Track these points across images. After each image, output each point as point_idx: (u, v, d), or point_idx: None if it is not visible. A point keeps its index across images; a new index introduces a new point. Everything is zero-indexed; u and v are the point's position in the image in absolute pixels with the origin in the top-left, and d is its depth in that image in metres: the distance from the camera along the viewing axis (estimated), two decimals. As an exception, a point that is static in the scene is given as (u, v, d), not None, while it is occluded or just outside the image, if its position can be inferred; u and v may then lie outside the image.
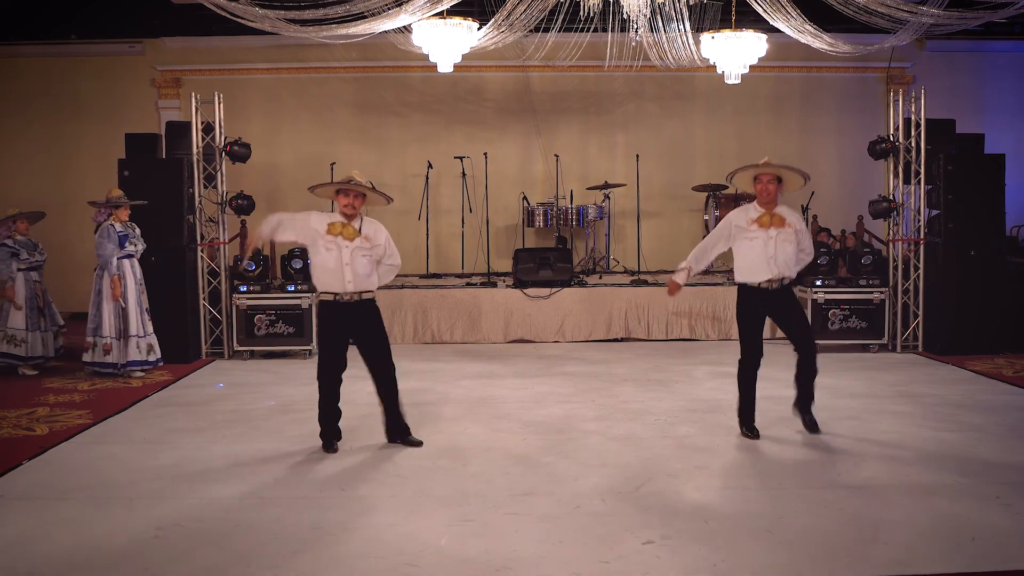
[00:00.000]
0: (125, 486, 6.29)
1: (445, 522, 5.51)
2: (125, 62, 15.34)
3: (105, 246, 10.00)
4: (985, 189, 11.35)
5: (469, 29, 10.93)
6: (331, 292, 7.00)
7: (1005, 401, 8.76)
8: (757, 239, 7.25)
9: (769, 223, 7.25)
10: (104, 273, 10.06)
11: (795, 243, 7.27)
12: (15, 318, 10.42)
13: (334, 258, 6.94)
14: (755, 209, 7.36)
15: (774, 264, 7.22)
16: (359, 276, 6.99)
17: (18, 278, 10.47)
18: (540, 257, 12.95)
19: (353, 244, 6.97)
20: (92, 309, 10.12)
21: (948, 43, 14.52)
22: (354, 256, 6.97)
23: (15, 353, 10.38)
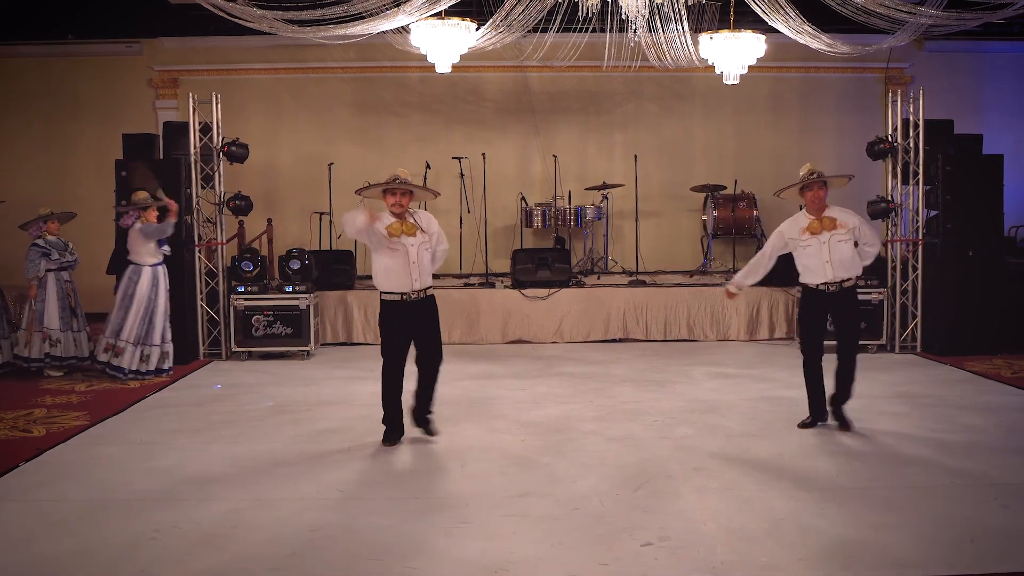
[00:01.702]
0: (122, 487, 6.29)
1: (443, 523, 5.50)
2: (122, 62, 15.30)
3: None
4: (983, 190, 11.34)
5: (467, 29, 10.90)
6: (397, 292, 7.10)
7: (1003, 402, 8.76)
8: (811, 246, 7.42)
9: (820, 228, 7.40)
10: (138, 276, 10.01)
11: (851, 242, 7.41)
12: (51, 319, 10.30)
13: (401, 258, 7.05)
14: (804, 217, 7.52)
15: (830, 267, 7.37)
16: (424, 272, 7.16)
17: (48, 278, 10.34)
18: (538, 257, 12.94)
19: (417, 241, 7.10)
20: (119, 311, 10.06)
21: (946, 44, 14.49)
22: (420, 253, 7.12)
23: (53, 354, 10.28)
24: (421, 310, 7.20)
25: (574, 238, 14.76)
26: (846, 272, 7.40)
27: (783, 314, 12.60)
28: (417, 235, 7.14)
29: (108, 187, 11.45)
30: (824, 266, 7.37)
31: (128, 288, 9.96)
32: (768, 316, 12.64)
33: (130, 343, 9.91)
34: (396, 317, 7.15)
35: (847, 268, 7.40)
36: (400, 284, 7.09)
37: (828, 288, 7.40)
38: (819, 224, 7.40)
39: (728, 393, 9.23)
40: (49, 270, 10.37)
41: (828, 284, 7.39)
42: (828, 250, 7.35)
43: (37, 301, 10.29)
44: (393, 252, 7.04)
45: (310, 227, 13.91)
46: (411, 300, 7.11)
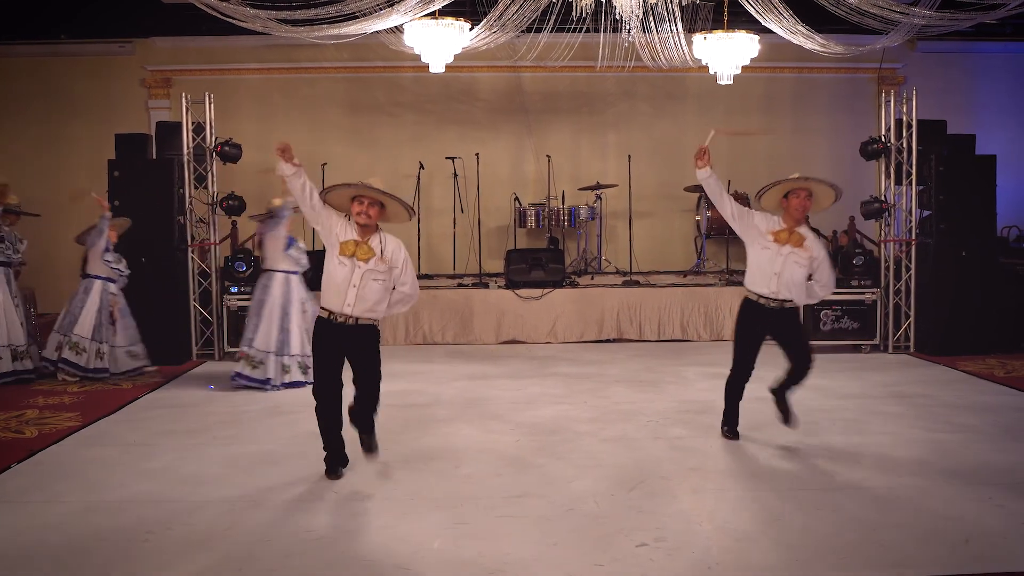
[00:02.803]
0: (115, 489, 6.26)
1: (438, 524, 5.49)
2: (115, 62, 15.27)
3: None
4: (976, 190, 11.37)
5: (461, 29, 10.90)
6: (327, 308, 6.29)
7: (997, 401, 8.77)
8: (768, 250, 6.98)
9: (786, 239, 6.94)
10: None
11: (806, 269, 6.96)
12: (83, 326, 10.03)
13: (343, 274, 6.20)
14: (778, 222, 7.07)
15: (776, 281, 6.94)
16: (364, 301, 6.24)
17: (95, 286, 10.11)
18: (532, 258, 12.93)
19: (367, 265, 6.22)
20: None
21: (939, 44, 14.52)
22: (365, 279, 6.22)
23: (69, 359, 9.98)
24: (354, 339, 6.32)
25: (568, 238, 14.78)
26: (790, 294, 6.97)
27: (777, 314, 12.59)
28: (370, 262, 6.24)
29: (101, 187, 11.39)
30: (771, 277, 6.94)
31: (262, 295, 9.61)
32: (762, 316, 12.62)
33: (271, 353, 9.57)
34: (323, 334, 6.34)
35: (792, 290, 6.96)
36: (332, 300, 6.26)
37: (767, 303, 6.98)
38: (787, 235, 6.95)
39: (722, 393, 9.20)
40: (99, 278, 10.15)
41: (767, 299, 6.97)
42: (781, 263, 6.91)
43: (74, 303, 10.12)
44: (340, 264, 6.22)
45: (303, 227, 13.87)
46: (338, 323, 6.26)
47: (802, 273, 6.95)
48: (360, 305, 6.23)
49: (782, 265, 6.91)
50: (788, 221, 7.01)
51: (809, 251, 6.94)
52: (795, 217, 6.98)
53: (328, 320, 6.29)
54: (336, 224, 6.28)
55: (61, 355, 9.98)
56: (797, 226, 6.99)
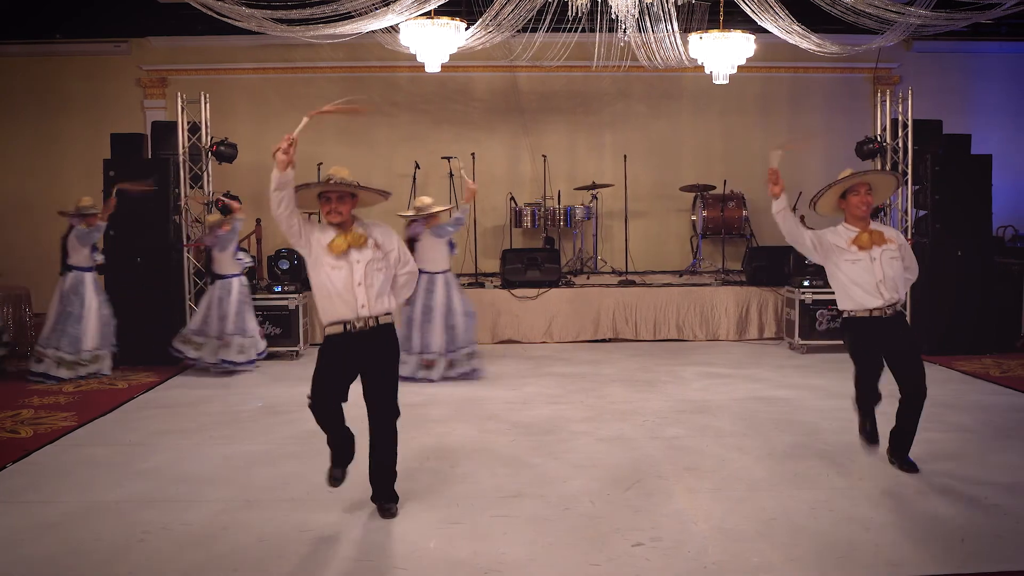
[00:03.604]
0: (111, 488, 6.25)
1: (433, 524, 5.49)
2: (111, 62, 15.25)
3: None
4: (972, 189, 11.38)
5: (456, 29, 10.90)
6: (340, 320, 5.56)
7: (993, 401, 8.77)
8: (860, 261, 6.24)
9: (870, 242, 6.25)
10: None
11: (900, 260, 6.32)
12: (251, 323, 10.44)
13: (342, 278, 5.53)
14: (846, 228, 6.37)
15: (883, 288, 6.20)
16: (375, 295, 5.59)
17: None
18: (528, 257, 12.94)
19: (365, 257, 5.58)
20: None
21: (935, 44, 14.54)
22: (369, 272, 5.57)
23: (233, 359, 10.31)
24: (370, 345, 5.60)
25: (563, 238, 14.78)
26: (898, 294, 6.26)
27: (772, 314, 12.63)
28: (366, 249, 5.61)
29: (97, 187, 11.38)
30: (877, 287, 6.18)
31: (426, 300, 9.73)
32: (757, 316, 12.66)
33: (441, 354, 9.72)
34: (340, 353, 5.59)
35: (899, 289, 6.27)
36: (341, 310, 5.55)
37: (883, 313, 6.20)
38: (868, 237, 6.24)
39: (718, 393, 9.24)
40: (234, 276, 10.42)
41: (882, 309, 6.20)
42: (880, 268, 6.19)
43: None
44: (334, 270, 5.54)
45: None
46: (358, 330, 5.54)
47: (898, 265, 6.30)
48: (374, 302, 5.58)
49: (882, 269, 6.22)
50: (855, 223, 6.34)
51: (895, 241, 6.35)
52: (859, 216, 6.31)
53: (344, 335, 5.55)
54: (313, 230, 5.64)
55: (225, 358, 10.31)
56: (867, 224, 6.34)
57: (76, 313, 10.08)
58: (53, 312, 10.12)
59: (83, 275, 10.17)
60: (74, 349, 10.04)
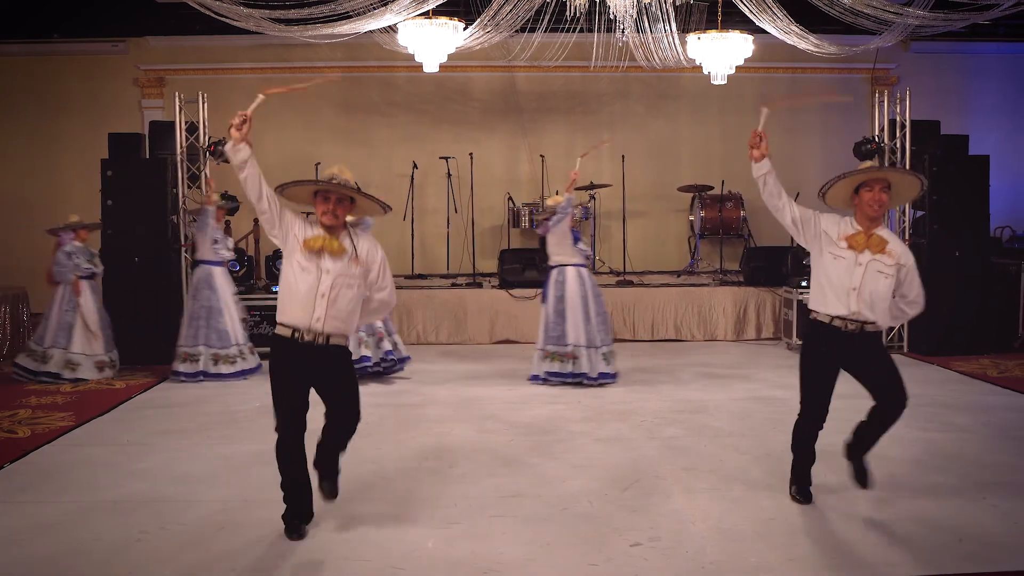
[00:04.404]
0: (108, 488, 6.24)
1: (431, 524, 5.48)
2: (108, 61, 15.25)
3: None
4: (969, 190, 11.39)
5: (455, 29, 10.91)
6: (290, 325, 5.21)
7: (991, 402, 8.78)
8: (842, 259, 5.56)
9: (864, 244, 5.53)
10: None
11: (892, 280, 5.52)
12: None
13: (307, 283, 5.14)
14: (851, 224, 5.65)
15: (854, 298, 5.49)
16: (336, 315, 5.19)
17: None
18: (526, 258, 12.94)
19: (338, 268, 5.18)
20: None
21: (932, 45, 14.55)
22: (336, 287, 5.16)
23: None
24: (324, 361, 5.27)
25: (561, 238, 14.75)
26: (872, 313, 5.50)
27: (770, 314, 12.63)
28: (344, 259, 5.20)
29: (94, 187, 11.38)
30: (848, 293, 5.49)
31: (557, 291, 9.58)
32: (755, 316, 12.67)
33: (581, 347, 9.53)
34: (287, 359, 5.27)
35: (874, 309, 5.51)
36: (296, 314, 5.18)
37: (844, 326, 5.51)
38: (864, 239, 5.54)
39: (716, 393, 9.24)
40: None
41: (845, 320, 5.50)
42: (861, 275, 5.48)
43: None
44: (302, 270, 5.16)
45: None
46: (305, 342, 5.18)
47: (887, 286, 5.52)
48: (332, 320, 5.17)
49: (861, 277, 5.50)
50: (863, 221, 5.61)
51: (895, 257, 5.53)
52: (870, 215, 5.57)
53: (291, 339, 5.21)
54: (295, 223, 5.29)
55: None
56: (875, 227, 5.60)
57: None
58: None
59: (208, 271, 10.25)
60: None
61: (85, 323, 10.04)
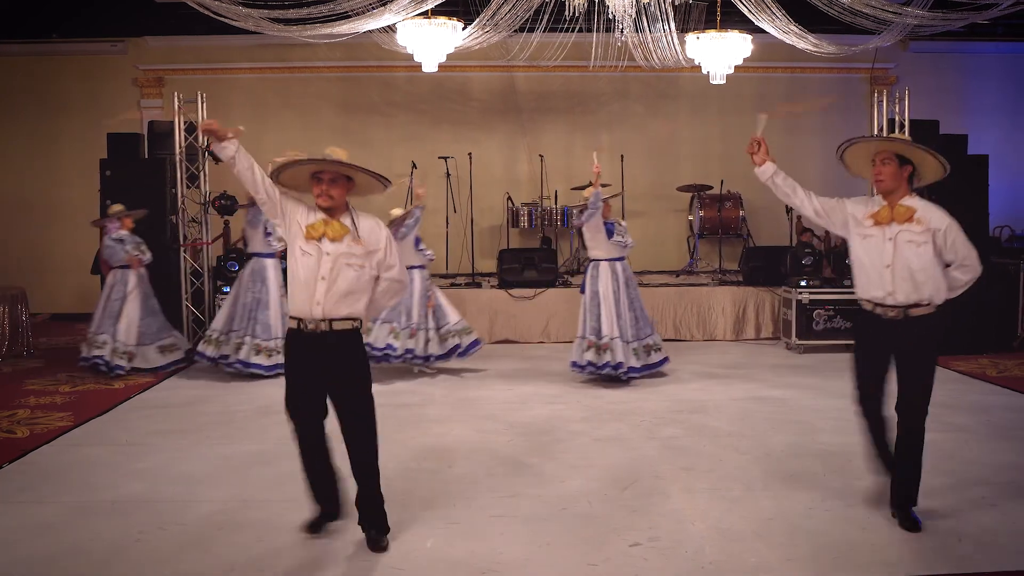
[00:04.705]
0: (107, 489, 6.24)
1: (430, 524, 5.48)
2: (107, 61, 15.25)
3: None
4: (968, 190, 11.34)
5: (454, 29, 10.90)
6: (296, 315, 5.06)
7: (990, 401, 8.78)
8: (871, 238, 5.30)
9: (889, 216, 5.23)
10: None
11: (928, 247, 5.19)
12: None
13: (309, 266, 5.00)
14: (878, 202, 5.38)
15: (889, 276, 5.21)
16: (337, 296, 4.99)
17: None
18: (525, 257, 12.93)
19: (339, 249, 5.00)
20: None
21: (931, 44, 14.56)
22: (337, 266, 4.98)
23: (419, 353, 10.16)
24: (329, 352, 5.03)
25: (560, 238, 14.78)
26: (914, 290, 5.18)
27: (769, 314, 12.62)
28: (344, 240, 5.03)
29: (93, 187, 11.39)
30: (882, 272, 5.23)
31: (592, 286, 9.68)
32: (754, 316, 12.66)
33: (616, 339, 9.55)
34: (295, 352, 5.13)
35: (916, 284, 5.18)
36: (299, 303, 5.03)
37: (885, 312, 5.25)
38: (889, 212, 5.24)
39: (715, 393, 9.24)
40: (417, 268, 10.25)
41: (885, 306, 5.25)
42: (891, 251, 5.20)
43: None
44: (303, 255, 5.02)
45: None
46: (308, 331, 5.00)
47: (923, 255, 5.18)
48: (332, 302, 4.98)
49: (893, 252, 5.20)
50: (882, 192, 5.35)
51: (925, 223, 5.19)
52: (879, 189, 5.36)
53: (297, 331, 5.06)
54: (298, 211, 5.14)
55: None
56: (899, 198, 5.28)
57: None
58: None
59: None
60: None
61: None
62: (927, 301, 5.23)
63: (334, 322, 4.99)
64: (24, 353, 11.50)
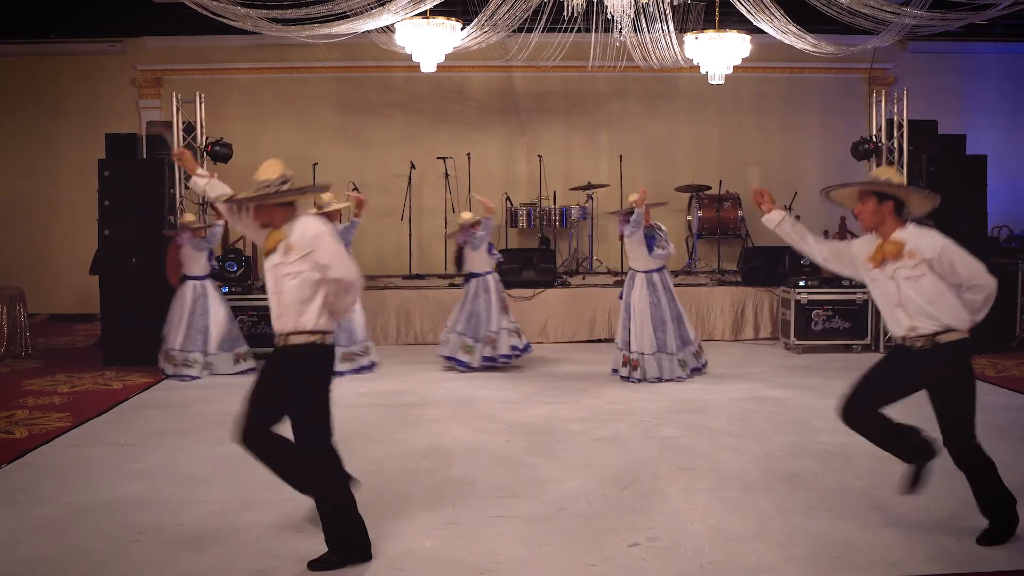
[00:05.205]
0: (106, 489, 6.24)
1: (429, 524, 5.48)
2: (106, 62, 15.24)
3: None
4: (967, 189, 11.38)
5: (452, 29, 10.90)
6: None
7: (988, 401, 8.71)
8: (876, 280, 5.26)
9: (881, 256, 5.16)
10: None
11: (929, 278, 5.05)
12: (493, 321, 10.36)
13: (268, 283, 4.94)
14: (873, 239, 5.29)
15: (902, 314, 5.13)
16: (285, 311, 4.82)
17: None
18: (523, 258, 12.93)
19: (273, 261, 4.85)
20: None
21: (930, 44, 14.57)
22: (277, 279, 4.84)
23: (491, 355, 10.35)
24: (283, 367, 4.93)
25: (559, 238, 14.78)
26: (929, 320, 5.05)
27: (768, 314, 12.62)
28: (279, 250, 4.83)
29: (92, 187, 11.38)
30: (895, 313, 5.17)
31: (627, 297, 9.76)
32: (753, 316, 12.66)
33: (645, 354, 9.63)
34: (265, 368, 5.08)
35: (931, 315, 5.05)
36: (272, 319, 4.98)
37: (914, 344, 5.12)
38: (880, 251, 5.16)
39: (714, 393, 9.23)
40: (487, 273, 10.52)
41: (912, 338, 5.13)
42: (895, 290, 5.13)
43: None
44: (265, 272, 4.97)
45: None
46: (277, 348, 4.94)
47: (927, 287, 5.07)
48: (282, 317, 4.84)
49: (897, 291, 5.14)
50: (870, 231, 5.31)
51: (919, 254, 5.06)
52: (865, 227, 5.31)
53: (274, 346, 5.00)
54: (262, 232, 5.04)
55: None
56: (888, 233, 5.19)
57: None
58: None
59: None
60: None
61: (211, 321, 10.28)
62: (952, 327, 5.08)
63: (290, 336, 4.84)
64: (22, 353, 11.50)
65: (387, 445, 7.30)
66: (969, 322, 5.15)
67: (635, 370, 9.61)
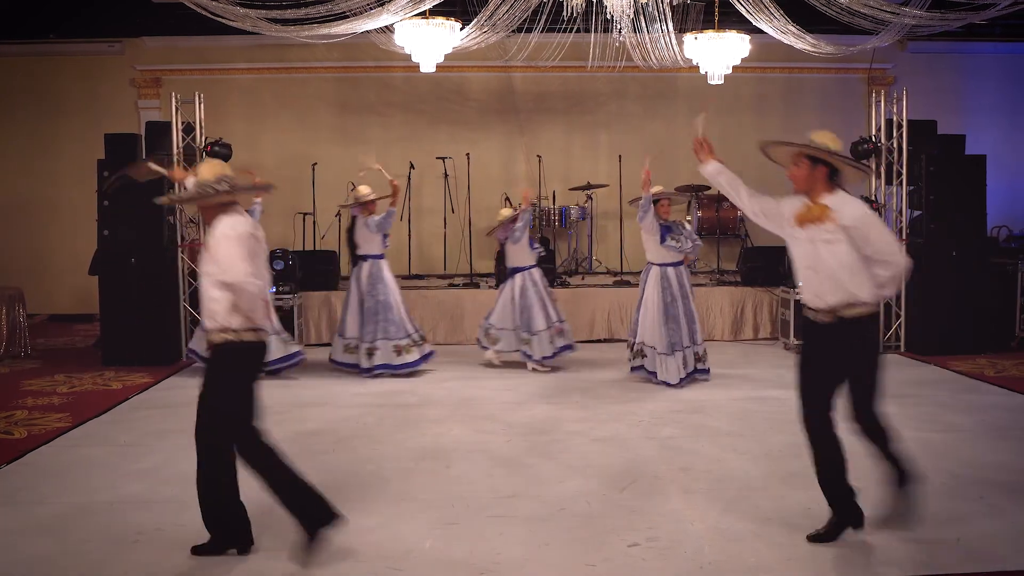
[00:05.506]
0: (105, 489, 6.24)
1: (429, 525, 5.48)
2: (105, 62, 15.23)
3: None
4: (967, 189, 11.39)
5: (452, 29, 10.89)
6: None
7: (988, 401, 8.78)
8: (796, 240, 5.14)
9: (807, 217, 5.04)
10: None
11: (843, 246, 4.93)
12: (537, 319, 10.32)
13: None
14: (802, 200, 5.16)
15: (813, 278, 5.05)
16: (206, 312, 4.94)
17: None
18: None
19: (204, 262, 4.97)
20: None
21: (929, 44, 14.56)
22: (202, 281, 4.97)
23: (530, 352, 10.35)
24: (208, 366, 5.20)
25: (558, 238, 14.77)
26: (840, 292, 4.95)
27: (767, 314, 12.63)
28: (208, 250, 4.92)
29: (91, 187, 11.37)
30: (806, 274, 5.11)
31: (640, 290, 9.74)
32: (752, 316, 12.67)
33: (649, 346, 9.58)
34: None
35: (839, 280, 4.95)
36: None
37: (816, 316, 5.09)
38: (807, 211, 5.04)
39: (714, 393, 9.23)
40: (529, 267, 10.50)
41: (814, 309, 5.09)
42: (812, 253, 5.03)
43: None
44: None
45: (293, 227, 13.84)
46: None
47: (839, 253, 4.94)
48: (213, 315, 4.89)
49: (813, 254, 5.03)
50: (805, 194, 5.14)
51: (839, 219, 4.93)
52: (797, 190, 5.17)
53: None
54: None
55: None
56: (817, 196, 5.06)
57: (385, 300, 10.14)
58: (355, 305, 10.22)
59: (379, 263, 10.23)
60: (404, 333, 10.16)
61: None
62: (854, 301, 4.97)
63: (213, 336, 4.93)
64: (22, 354, 11.49)
65: (387, 445, 7.30)
66: (875, 296, 5.04)
67: (639, 357, 9.60)
